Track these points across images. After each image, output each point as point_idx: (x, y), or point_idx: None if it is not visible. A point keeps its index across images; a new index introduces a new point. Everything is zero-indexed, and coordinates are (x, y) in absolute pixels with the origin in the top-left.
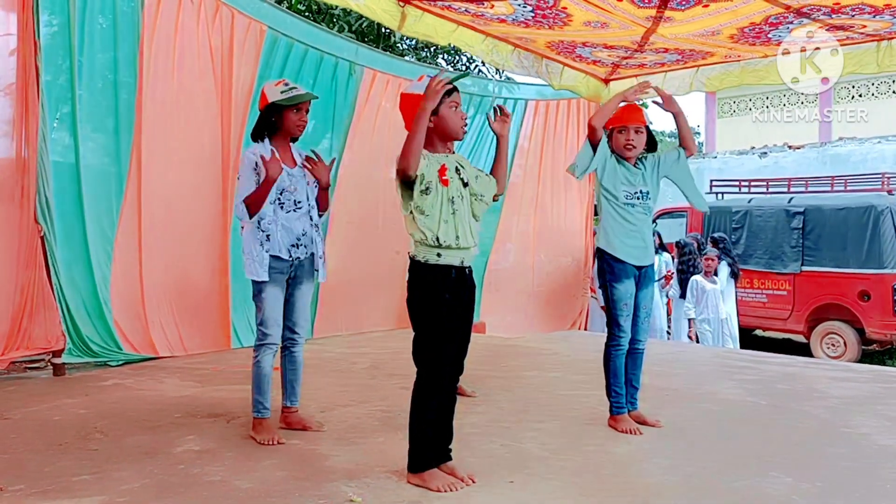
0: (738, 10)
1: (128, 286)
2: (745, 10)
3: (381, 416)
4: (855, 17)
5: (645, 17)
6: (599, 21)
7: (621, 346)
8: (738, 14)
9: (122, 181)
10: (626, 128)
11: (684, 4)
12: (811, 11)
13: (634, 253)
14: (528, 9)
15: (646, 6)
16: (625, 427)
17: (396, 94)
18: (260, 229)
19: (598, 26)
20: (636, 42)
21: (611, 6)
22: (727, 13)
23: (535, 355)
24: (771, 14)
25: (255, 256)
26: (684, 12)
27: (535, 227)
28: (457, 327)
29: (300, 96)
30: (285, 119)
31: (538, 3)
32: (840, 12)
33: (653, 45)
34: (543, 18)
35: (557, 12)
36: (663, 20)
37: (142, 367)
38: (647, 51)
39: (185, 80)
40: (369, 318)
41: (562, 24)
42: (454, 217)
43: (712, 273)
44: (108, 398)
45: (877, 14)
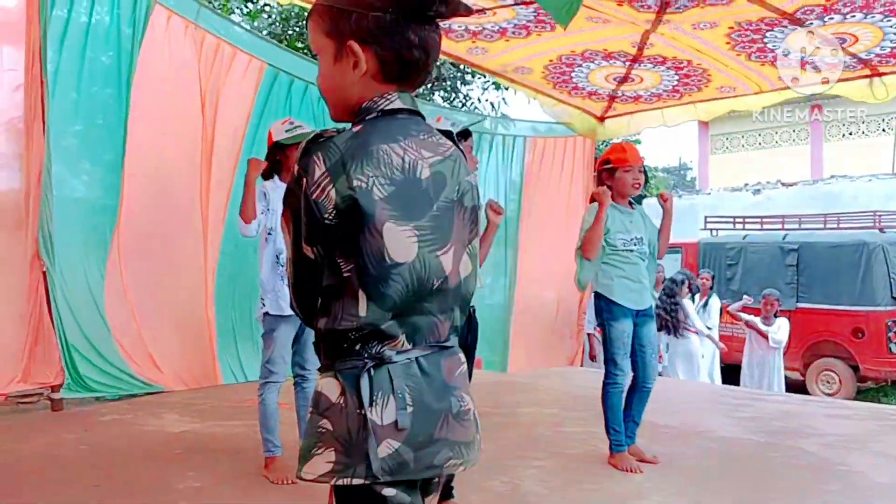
0: (732, 10)
1: (121, 322)
2: (739, 11)
3: None
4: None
5: (644, 20)
6: (601, 17)
7: (618, 384)
8: (733, 13)
9: (115, 216)
10: (632, 167)
11: (682, 8)
12: (804, 17)
13: (632, 297)
14: (530, 10)
15: (645, 10)
16: (625, 465)
17: None
18: (279, 264)
19: (599, 21)
20: (636, 44)
21: (612, 9)
22: (724, 12)
23: (532, 391)
24: (765, 17)
25: (278, 292)
26: (681, 14)
27: (529, 263)
28: None
29: (302, 135)
30: (290, 157)
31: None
32: (832, 11)
33: (652, 49)
34: (546, 16)
35: None
36: (662, 23)
37: (139, 401)
38: (645, 60)
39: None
40: None
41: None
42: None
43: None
44: (107, 433)
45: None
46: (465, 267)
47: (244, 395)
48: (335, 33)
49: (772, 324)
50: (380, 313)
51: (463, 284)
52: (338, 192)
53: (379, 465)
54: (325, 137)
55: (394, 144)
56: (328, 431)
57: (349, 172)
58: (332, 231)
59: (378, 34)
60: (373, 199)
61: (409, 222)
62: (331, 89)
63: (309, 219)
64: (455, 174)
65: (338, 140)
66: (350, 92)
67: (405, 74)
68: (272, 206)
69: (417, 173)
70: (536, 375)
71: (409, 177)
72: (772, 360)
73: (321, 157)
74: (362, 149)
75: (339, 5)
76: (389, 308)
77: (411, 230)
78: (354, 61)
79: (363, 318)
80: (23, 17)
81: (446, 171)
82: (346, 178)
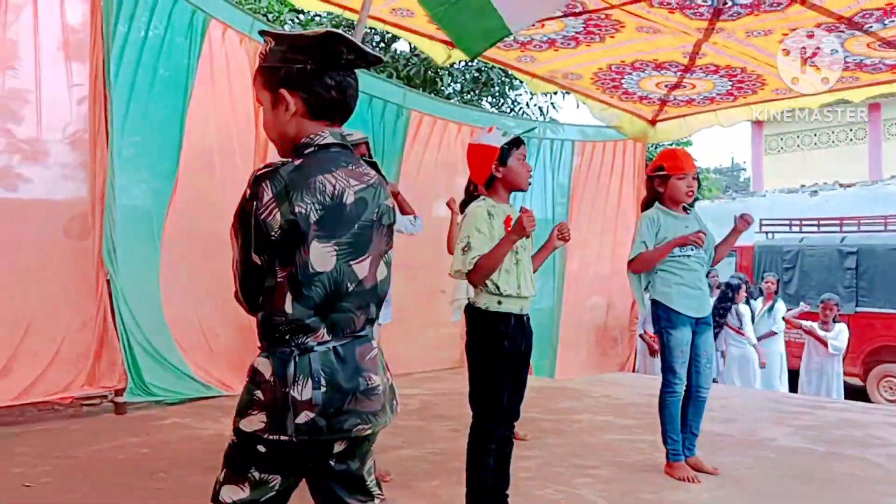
0: (788, 17)
1: (181, 327)
2: (795, 18)
3: (433, 459)
4: None
5: (696, 29)
6: (652, 27)
7: (676, 392)
8: (788, 20)
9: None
10: (686, 175)
11: (735, 16)
12: (863, 21)
13: (691, 304)
14: (578, 21)
15: (698, 18)
16: (682, 475)
17: (442, 135)
18: None
19: (650, 32)
20: (687, 54)
21: (663, 17)
22: (778, 20)
23: (584, 398)
24: (822, 23)
25: None
26: (735, 22)
27: (578, 268)
28: (514, 374)
29: (350, 141)
30: None
31: (589, 18)
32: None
33: (704, 59)
34: (596, 28)
35: (610, 23)
36: (715, 31)
37: (198, 405)
38: (696, 69)
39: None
40: (416, 360)
41: (613, 32)
42: (517, 267)
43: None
44: (168, 437)
45: None
46: (381, 273)
47: None
48: (270, 86)
49: (831, 329)
50: (304, 311)
51: (379, 286)
52: (282, 215)
53: (294, 429)
54: (272, 168)
55: (328, 175)
56: (261, 400)
57: (291, 199)
58: (275, 245)
59: (302, 81)
60: (308, 223)
61: (331, 240)
62: (273, 131)
63: (257, 234)
64: (375, 198)
65: (282, 171)
66: (287, 130)
67: (328, 113)
68: None
69: (344, 199)
70: (587, 382)
71: (336, 202)
72: (831, 366)
73: (269, 185)
74: (303, 180)
75: (271, 65)
76: (311, 307)
77: (332, 246)
78: (286, 104)
79: (291, 314)
80: (87, 33)
81: (368, 197)
82: (289, 203)
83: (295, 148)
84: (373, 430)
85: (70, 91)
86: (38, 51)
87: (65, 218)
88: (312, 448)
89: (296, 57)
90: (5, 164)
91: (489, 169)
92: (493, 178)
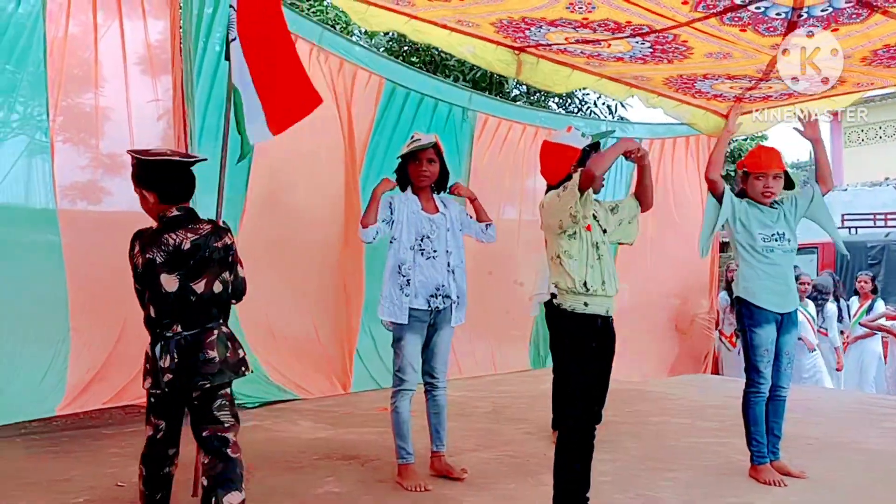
0: (869, 32)
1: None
2: (877, 31)
3: (508, 462)
4: None
5: (770, 46)
6: (722, 52)
7: (761, 392)
8: (870, 36)
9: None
10: (765, 174)
11: (812, 31)
12: None
13: (776, 300)
14: (645, 45)
15: (771, 34)
16: (767, 478)
17: (506, 137)
18: (400, 274)
19: (720, 57)
20: (761, 70)
21: (734, 37)
22: (858, 36)
23: (661, 400)
24: None
25: (395, 300)
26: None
27: (652, 267)
28: (599, 377)
29: (421, 145)
30: (409, 170)
31: (657, 39)
32: None
33: (779, 73)
34: (662, 53)
35: (677, 46)
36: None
37: (275, 408)
38: (772, 79)
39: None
40: (485, 362)
41: (682, 58)
42: (600, 262)
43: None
44: (250, 439)
45: None
46: (217, 287)
47: (374, 403)
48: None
49: None
50: (162, 316)
51: (215, 295)
52: (141, 259)
53: (162, 385)
54: (143, 231)
55: (171, 233)
56: (147, 369)
57: (145, 249)
58: (141, 277)
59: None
60: (156, 263)
61: (175, 272)
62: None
63: (133, 271)
64: (205, 243)
65: (145, 233)
66: (150, 209)
67: (175, 199)
68: (396, 217)
69: (181, 247)
70: (663, 383)
71: (176, 250)
72: None
73: (136, 242)
74: (155, 237)
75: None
76: (166, 313)
77: (175, 276)
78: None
79: (154, 319)
80: (167, 49)
81: (200, 242)
82: (142, 252)
83: (159, 219)
84: (211, 384)
85: (150, 107)
86: (122, 68)
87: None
88: (180, 397)
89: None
90: (90, 178)
91: (566, 169)
92: (569, 177)
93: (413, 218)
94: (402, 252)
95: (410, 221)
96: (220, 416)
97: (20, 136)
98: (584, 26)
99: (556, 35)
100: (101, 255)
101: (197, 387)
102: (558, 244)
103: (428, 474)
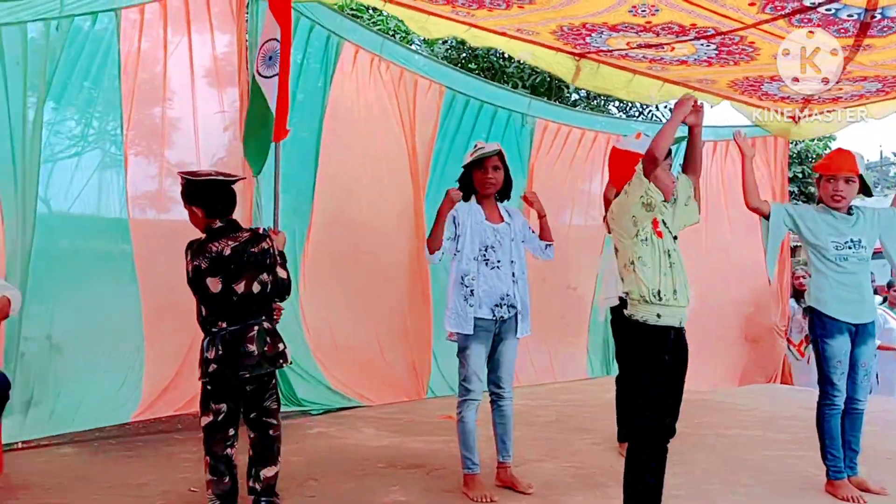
0: None
1: (320, 341)
2: None
3: (574, 473)
4: None
5: (841, 47)
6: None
7: (835, 405)
8: None
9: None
10: (836, 177)
11: (886, 31)
12: None
13: (849, 309)
14: (711, 47)
15: (842, 36)
16: (845, 494)
17: (565, 142)
18: (463, 285)
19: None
20: None
21: (803, 38)
22: None
23: (731, 411)
24: None
25: (459, 311)
26: (886, 38)
27: (717, 273)
28: (672, 389)
29: (486, 153)
30: (474, 178)
31: (722, 41)
32: None
33: (850, 74)
34: (728, 55)
35: (744, 48)
36: (862, 48)
37: (340, 416)
38: (843, 80)
39: (374, 141)
40: (544, 371)
41: (748, 59)
42: (672, 270)
43: None
44: (316, 446)
45: None
46: (255, 287)
47: (436, 411)
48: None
49: None
50: (210, 314)
51: (255, 294)
52: (191, 266)
53: (208, 377)
54: (192, 242)
55: (215, 242)
56: (199, 362)
57: (194, 257)
58: (191, 282)
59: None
60: (202, 269)
61: (217, 275)
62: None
63: (186, 277)
64: (244, 249)
65: (194, 243)
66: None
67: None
68: (461, 230)
69: (223, 253)
70: (732, 393)
71: (218, 256)
72: None
73: (188, 252)
74: (201, 246)
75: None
76: (213, 312)
77: (218, 279)
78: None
79: (204, 317)
80: (234, 62)
81: (240, 249)
82: (192, 260)
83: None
84: (250, 374)
85: (216, 117)
86: (189, 81)
87: None
88: (228, 385)
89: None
90: (158, 187)
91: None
92: None
93: (477, 228)
94: (466, 263)
95: (474, 231)
96: (267, 402)
97: (95, 150)
98: (647, 30)
99: (617, 40)
100: (169, 264)
101: (238, 377)
102: (632, 250)
103: (493, 485)
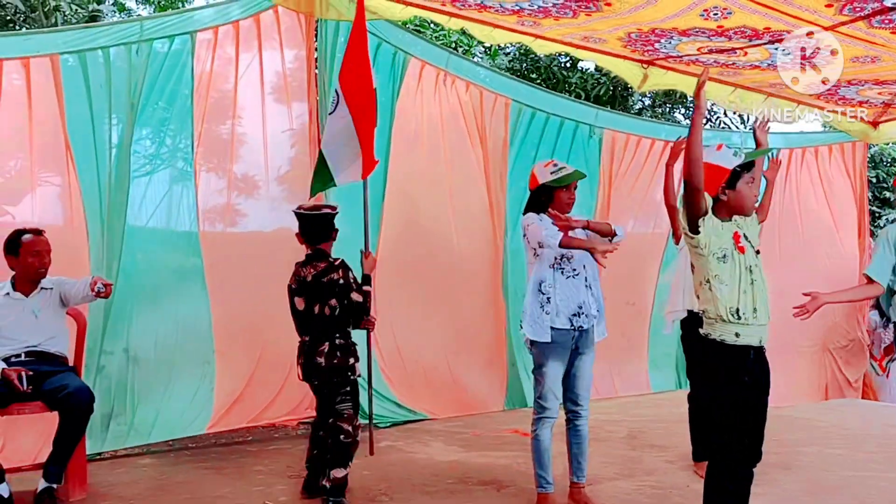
0: None
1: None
2: None
3: (651, 493)
4: None
5: None
6: (869, 56)
7: None
8: None
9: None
10: None
11: None
12: None
13: None
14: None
15: None
16: None
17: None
18: (541, 292)
19: (867, 61)
20: None
21: (883, 39)
22: None
23: (812, 428)
24: None
25: (536, 318)
26: None
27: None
28: (754, 410)
29: (569, 176)
30: (556, 198)
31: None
32: None
33: None
34: (804, 60)
35: (822, 51)
36: None
37: (407, 429)
38: None
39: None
40: (606, 385)
41: (825, 64)
42: (752, 287)
43: None
44: (384, 460)
45: None
46: (327, 310)
47: (503, 425)
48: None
49: None
50: (298, 327)
51: (326, 316)
52: (288, 286)
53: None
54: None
55: (303, 267)
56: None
57: (292, 276)
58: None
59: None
60: (292, 288)
61: (302, 296)
62: None
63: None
64: (319, 276)
65: (297, 264)
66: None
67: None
68: (532, 244)
69: (305, 277)
70: (813, 409)
71: (302, 279)
72: None
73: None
74: (296, 268)
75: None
76: (300, 326)
77: (302, 299)
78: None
79: (297, 329)
80: (302, 79)
81: (319, 276)
82: (292, 277)
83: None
84: (319, 381)
85: (284, 134)
86: (259, 97)
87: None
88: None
89: None
90: (226, 201)
91: (713, 190)
92: (717, 199)
93: None
94: (544, 270)
95: None
96: (341, 407)
97: (168, 168)
98: (718, 34)
99: (687, 45)
100: (238, 277)
101: (311, 383)
102: (707, 268)
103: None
